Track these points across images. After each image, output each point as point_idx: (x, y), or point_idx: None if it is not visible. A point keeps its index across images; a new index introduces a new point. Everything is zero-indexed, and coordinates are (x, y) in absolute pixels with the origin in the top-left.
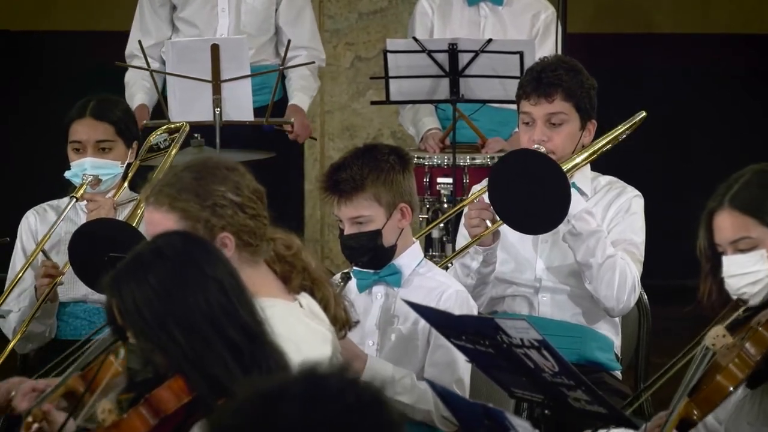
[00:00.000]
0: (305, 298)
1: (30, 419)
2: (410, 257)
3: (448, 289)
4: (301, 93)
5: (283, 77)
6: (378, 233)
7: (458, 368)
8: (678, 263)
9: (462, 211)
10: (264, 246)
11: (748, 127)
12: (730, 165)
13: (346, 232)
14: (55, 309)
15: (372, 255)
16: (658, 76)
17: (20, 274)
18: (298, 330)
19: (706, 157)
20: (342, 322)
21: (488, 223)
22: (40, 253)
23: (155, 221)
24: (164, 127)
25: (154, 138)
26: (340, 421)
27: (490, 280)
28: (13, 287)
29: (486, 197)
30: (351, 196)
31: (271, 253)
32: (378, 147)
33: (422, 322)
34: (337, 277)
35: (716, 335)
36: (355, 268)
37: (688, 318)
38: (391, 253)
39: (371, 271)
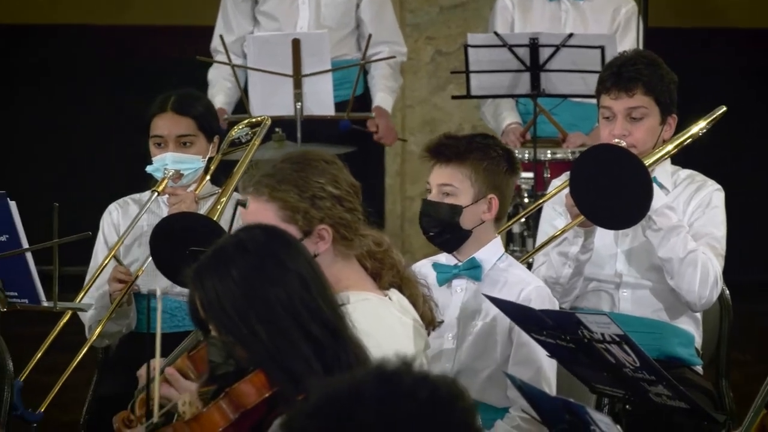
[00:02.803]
0: (395, 293)
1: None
2: (491, 252)
3: (528, 286)
4: (384, 93)
5: (364, 72)
6: (459, 209)
7: (543, 366)
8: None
9: (542, 207)
10: (357, 241)
11: None
12: None
13: (430, 198)
14: (131, 311)
15: (444, 229)
16: (737, 70)
17: (103, 266)
18: (392, 324)
19: None
20: (428, 321)
21: None
22: (120, 247)
23: (253, 210)
24: (246, 121)
25: (236, 132)
26: (416, 419)
27: (583, 270)
28: (94, 281)
29: (548, 206)
30: (449, 161)
31: (364, 248)
32: (495, 138)
33: (502, 318)
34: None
35: None
36: (436, 261)
37: None
38: (463, 237)
39: (452, 264)
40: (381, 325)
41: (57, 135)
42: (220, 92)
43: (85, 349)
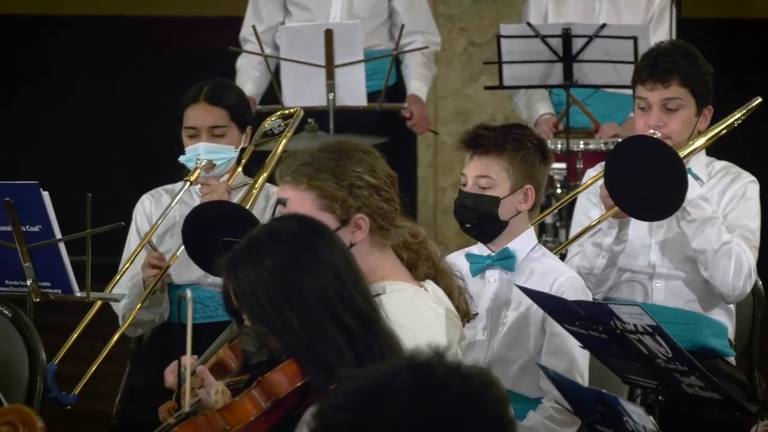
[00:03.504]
0: (430, 284)
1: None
2: (524, 242)
3: (561, 276)
4: (419, 82)
5: (397, 62)
6: (497, 201)
7: (576, 357)
8: None
9: (575, 198)
10: (394, 231)
11: None
12: None
13: (466, 190)
14: (164, 299)
15: (482, 220)
16: None
17: (134, 255)
18: (427, 314)
19: None
20: (462, 313)
21: None
22: (153, 237)
23: (291, 199)
24: (278, 112)
25: (269, 123)
26: (449, 410)
27: (617, 261)
28: (125, 271)
29: (582, 197)
30: (487, 153)
31: (400, 239)
32: (528, 129)
33: (535, 308)
34: None
35: None
36: (469, 252)
37: None
38: (500, 228)
39: (485, 254)
40: (416, 315)
41: (88, 126)
42: (248, 81)
43: (117, 336)
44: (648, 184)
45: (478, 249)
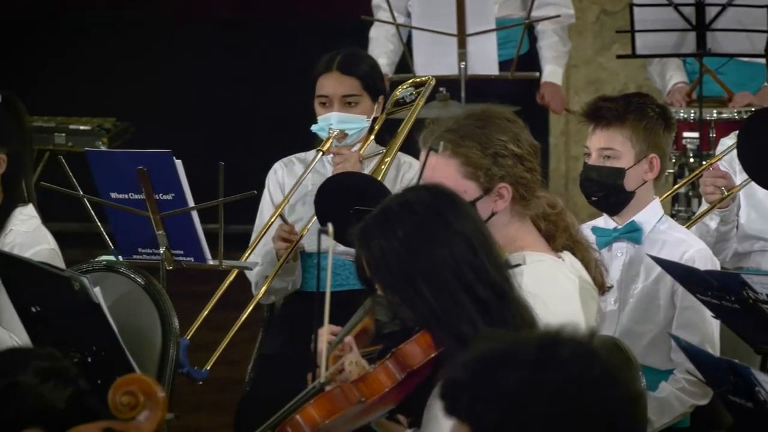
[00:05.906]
0: (568, 256)
1: (337, 352)
2: (651, 214)
3: (690, 248)
4: (552, 65)
5: (529, 30)
6: (621, 172)
7: (707, 329)
8: None
9: None
10: (534, 202)
11: None
12: None
13: (590, 163)
14: (296, 267)
15: (608, 192)
16: None
17: (269, 224)
18: (566, 286)
19: None
20: (598, 286)
21: (724, 190)
22: (285, 206)
23: (435, 165)
24: (410, 81)
25: (400, 92)
26: (560, 393)
27: (731, 236)
28: (260, 239)
29: (720, 165)
30: (609, 125)
31: (539, 210)
32: (649, 96)
33: (664, 281)
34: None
35: None
36: (595, 225)
37: None
38: (627, 198)
39: (611, 227)
40: (554, 286)
41: (220, 94)
42: (381, 55)
43: (252, 306)
44: None
45: (604, 222)
